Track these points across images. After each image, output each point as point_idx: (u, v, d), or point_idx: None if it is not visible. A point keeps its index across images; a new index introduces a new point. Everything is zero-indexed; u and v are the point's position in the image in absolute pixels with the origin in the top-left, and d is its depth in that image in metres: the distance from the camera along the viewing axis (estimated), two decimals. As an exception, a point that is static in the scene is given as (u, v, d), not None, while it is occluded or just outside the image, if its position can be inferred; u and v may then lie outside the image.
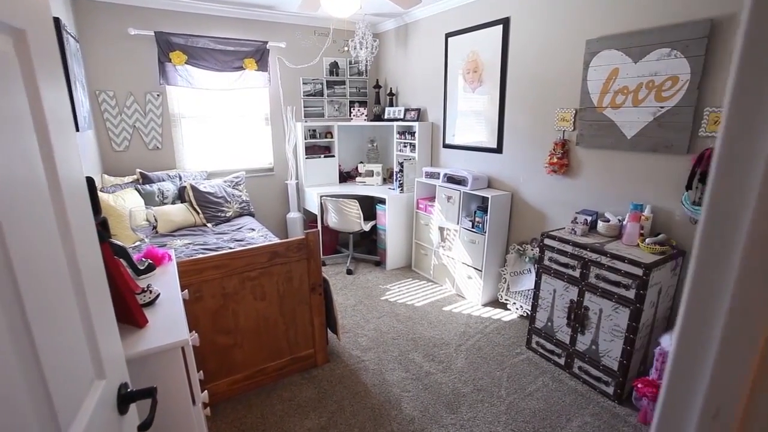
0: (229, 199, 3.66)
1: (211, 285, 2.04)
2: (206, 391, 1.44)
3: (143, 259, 1.55)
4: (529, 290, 3.17)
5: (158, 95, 3.72)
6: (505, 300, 3.37)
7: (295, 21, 4.22)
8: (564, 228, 2.68)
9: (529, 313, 3.12)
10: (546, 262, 2.61)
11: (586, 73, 2.60)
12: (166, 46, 3.61)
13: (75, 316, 0.71)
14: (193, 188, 3.48)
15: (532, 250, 3.16)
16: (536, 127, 3.02)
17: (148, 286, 1.29)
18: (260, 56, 4.06)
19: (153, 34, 3.56)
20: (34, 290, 0.57)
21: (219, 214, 3.53)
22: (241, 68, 3.98)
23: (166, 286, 1.45)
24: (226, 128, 4.16)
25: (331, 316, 2.59)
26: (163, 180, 3.56)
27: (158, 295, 1.31)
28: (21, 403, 0.51)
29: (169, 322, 1.22)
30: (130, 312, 1.13)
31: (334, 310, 2.58)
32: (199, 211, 3.45)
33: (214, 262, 2.02)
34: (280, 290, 2.29)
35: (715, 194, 0.41)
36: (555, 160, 2.86)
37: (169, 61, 3.65)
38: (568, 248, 2.45)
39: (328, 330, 2.65)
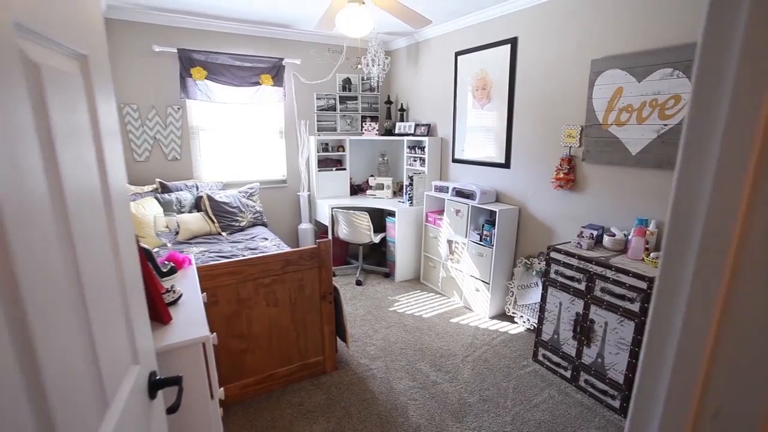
0: (243, 209, 3.77)
1: (226, 290, 2.12)
2: (222, 388, 1.51)
3: (166, 262, 1.64)
4: (536, 303, 3.20)
5: (178, 108, 3.88)
6: (513, 313, 3.39)
7: (310, 39, 4.38)
8: (570, 242, 2.72)
9: (536, 326, 3.15)
10: (552, 275, 2.66)
11: (591, 92, 2.68)
12: (187, 62, 3.79)
13: (119, 307, 0.79)
14: (210, 198, 3.61)
15: (539, 263, 3.20)
16: (543, 143, 3.10)
17: (171, 287, 1.37)
18: (276, 72, 4.22)
19: (176, 51, 3.73)
20: (91, 284, 0.65)
21: (233, 223, 3.65)
22: (257, 83, 4.13)
23: (187, 289, 1.53)
24: (241, 141, 4.31)
25: (341, 325, 2.65)
26: (181, 189, 3.69)
27: (181, 296, 1.39)
28: (81, 376, 0.59)
29: (190, 320, 1.30)
30: (157, 309, 1.21)
31: (344, 319, 2.65)
32: (215, 220, 3.56)
33: (230, 268, 2.11)
34: (291, 297, 2.37)
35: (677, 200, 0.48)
36: (561, 175, 2.92)
37: (190, 76, 3.82)
38: (574, 261, 2.49)
39: (338, 338, 2.71)
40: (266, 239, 3.38)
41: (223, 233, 3.55)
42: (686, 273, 0.50)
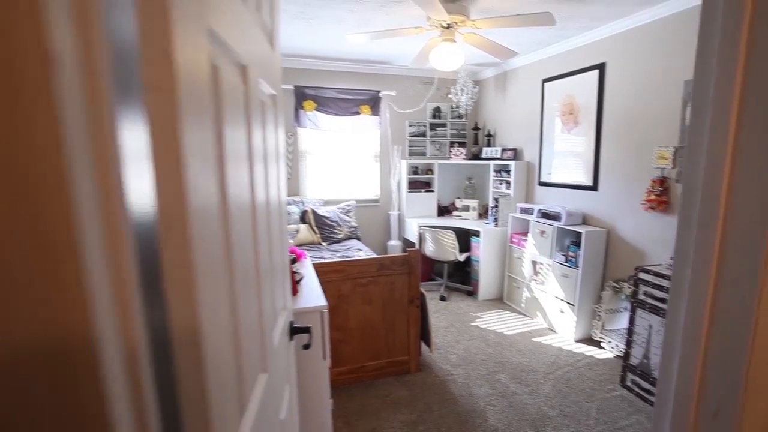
0: (341, 224, 4.25)
1: (330, 286, 2.50)
2: (330, 358, 1.84)
3: (288, 253, 2.06)
4: (626, 329, 3.11)
5: (291, 135, 4.55)
6: (600, 338, 3.32)
7: (405, 73, 4.84)
8: (662, 264, 2.67)
9: (625, 349, 3.05)
10: (641, 297, 2.62)
11: (685, 113, 2.66)
12: (301, 96, 4.45)
13: (279, 274, 1.15)
14: (313, 212, 4.14)
15: (629, 287, 3.13)
16: (632, 165, 3.09)
17: (296, 269, 1.76)
18: (374, 103, 4.73)
19: (293, 87, 4.42)
20: (275, 256, 1.01)
21: (332, 235, 4.13)
22: (357, 113, 4.67)
23: (305, 274, 1.92)
24: (341, 163, 4.86)
25: (426, 329, 2.89)
26: (290, 204, 4.29)
27: (302, 278, 1.77)
28: (269, 305, 0.94)
29: (310, 295, 1.66)
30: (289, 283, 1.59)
31: (429, 324, 2.88)
32: (317, 231, 4.07)
33: (335, 267, 2.49)
34: (383, 298, 2.68)
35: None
36: (653, 197, 2.89)
37: (303, 108, 4.47)
38: (665, 282, 2.45)
39: (422, 342, 2.94)
40: (360, 250, 3.78)
41: (323, 243, 4.04)
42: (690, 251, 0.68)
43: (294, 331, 1.28)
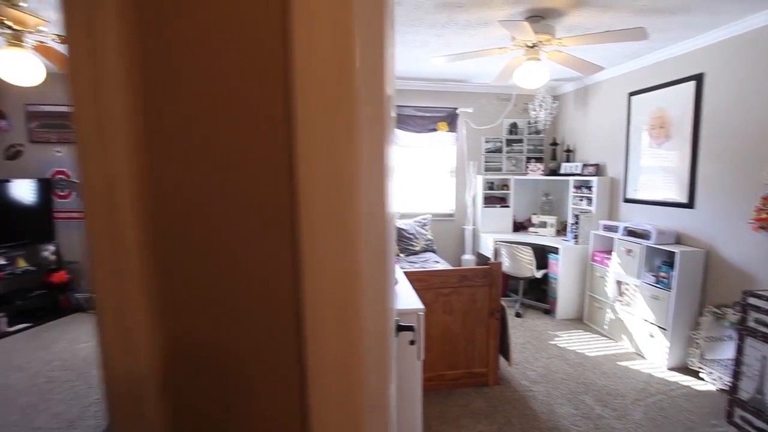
0: (417, 237, 4.38)
1: (413, 294, 2.62)
2: (422, 359, 1.95)
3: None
4: (731, 359, 2.86)
5: (371, 153, 4.79)
6: (699, 368, 3.07)
7: (482, 90, 4.92)
8: (774, 289, 2.45)
9: (731, 382, 2.80)
10: (751, 324, 2.42)
11: (801, 125, 2.45)
12: (381, 116, 4.70)
13: (390, 275, 1.30)
14: (391, 225, 4.32)
15: (734, 314, 2.88)
16: (737, 181, 2.88)
17: (392, 275, 1.90)
18: (451, 120, 4.85)
19: (374, 107, 4.68)
20: (389, 256, 1.16)
21: (409, 247, 4.27)
22: (434, 130, 4.82)
23: (399, 279, 2.06)
24: (417, 178, 5.02)
25: (505, 343, 2.89)
26: (369, 217, 4.51)
27: (397, 282, 1.91)
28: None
29: (407, 298, 1.79)
30: (387, 286, 1.73)
31: (508, 337, 2.88)
32: (395, 243, 4.24)
33: (418, 277, 2.61)
34: (464, 309, 2.74)
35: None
36: (764, 215, 2.67)
37: (382, 127, 4.71)
38: (778, 309, 2.25)
39: (500, 356, 2.94)
40: (437, 262, 3.88)
41: (401, 255, 4.19)
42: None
43: (399, 328, 1.41)
